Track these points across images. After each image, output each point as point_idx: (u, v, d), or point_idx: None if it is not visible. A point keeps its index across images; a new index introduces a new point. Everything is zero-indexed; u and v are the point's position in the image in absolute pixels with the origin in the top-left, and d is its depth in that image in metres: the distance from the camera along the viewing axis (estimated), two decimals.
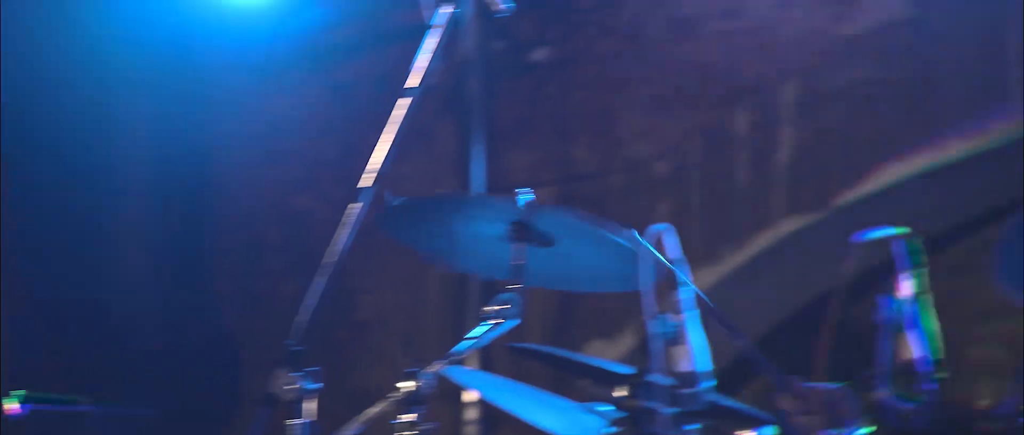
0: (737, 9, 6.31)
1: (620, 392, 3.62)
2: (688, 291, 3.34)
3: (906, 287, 2.97)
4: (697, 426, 3.33)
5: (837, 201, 6.04)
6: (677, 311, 3.33)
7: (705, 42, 6.38)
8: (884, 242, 3.02)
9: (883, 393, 2.80)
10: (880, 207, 5.96)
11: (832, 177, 6.07)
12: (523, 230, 3.58)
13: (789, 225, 6.16)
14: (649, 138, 6.46)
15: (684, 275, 3.33)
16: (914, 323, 2.94)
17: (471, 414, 6.53)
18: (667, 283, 3.35)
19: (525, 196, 3.48)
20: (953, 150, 5.84)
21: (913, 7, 5.95)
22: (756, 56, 6.25)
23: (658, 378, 3.28)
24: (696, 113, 6.39)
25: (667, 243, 3.34)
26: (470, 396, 6.46)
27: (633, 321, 6.29)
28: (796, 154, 6.18)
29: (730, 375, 6.05)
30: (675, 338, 3.31)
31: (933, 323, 2.96)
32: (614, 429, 3.37)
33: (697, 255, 6.35)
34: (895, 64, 5.97)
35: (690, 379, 3.32)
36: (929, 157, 5.88)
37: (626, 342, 6.36)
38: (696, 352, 3.33)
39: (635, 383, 3.41)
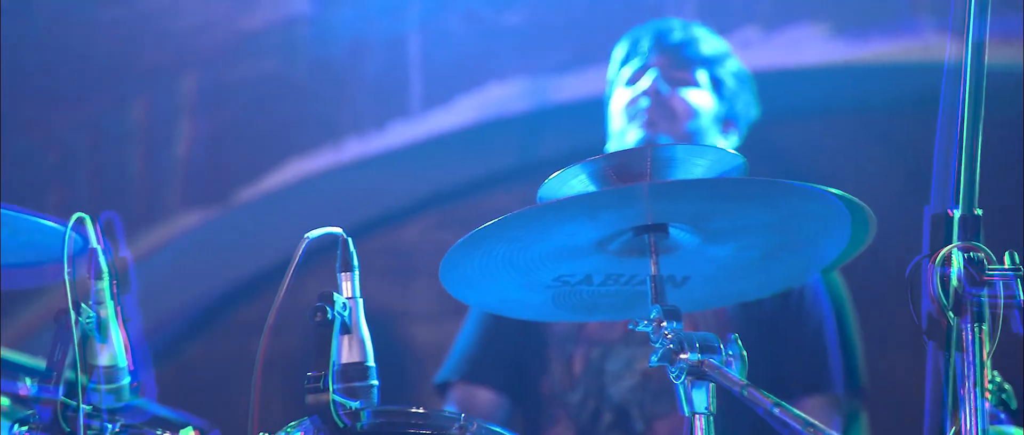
0: None
1: (23, 389, 3.38)
2: (109, 281, 3.14)
3: (346, 288, 2.92)
4: (114, 426, 3.14)
5: (237, 198, 5.94)
6: (100, 302, 3.12)
7: (98, 28, 6.10)
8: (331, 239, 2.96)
9: (329, 394, 2.73)
10: (281, 205, 5.91)
11: (232, 173, 5.96)
12: None
13: (188, 220, 5.99)
14: (36, 128, 6.11)
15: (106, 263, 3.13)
16: (353, 326, 2.90)
17: None
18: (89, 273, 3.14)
19: None
20: (352, 151, 5.87)
21: (314, 5, 5.93)
22: (153, 46, 6.04)
23: (74, 373, 3.07)
24: (88, 103, 6.10)
25: (90, 232, 3.13)
26: None
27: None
28: (194, 148, 6.02)
29: None
30: (96, 331, 3.10)
31: (364, 327, 2.93)
32: (23, 429, 3.11)
33: None
34: (296, 61, 5.93)
35: (110, 375, 3.12)
36: (329, 157, 5.88)
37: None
38: (116, 347, 3.14)
39: (46, 377, 3.16)
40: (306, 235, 2.92)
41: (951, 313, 2.55)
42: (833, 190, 2.73)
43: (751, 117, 4.12)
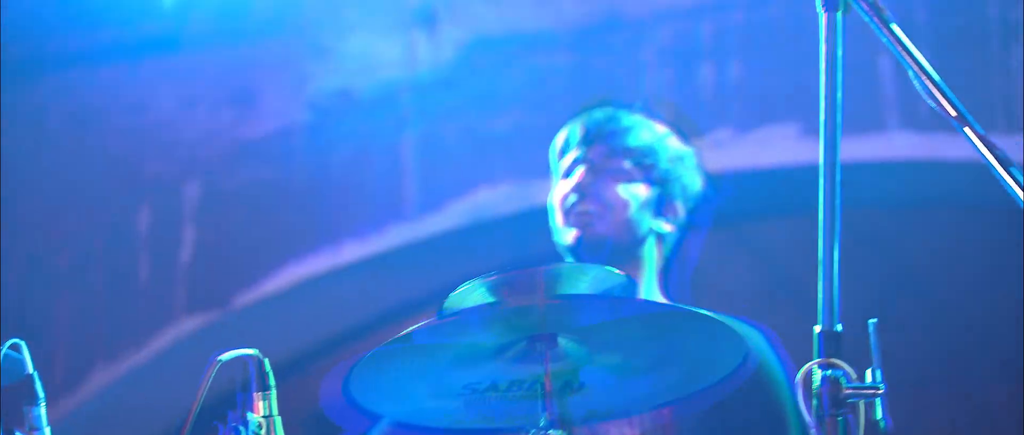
0: (143, 105, 6.32)
1: None
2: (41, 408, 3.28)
3: (262, 408, 3.05)
4: None
5: (237, 301, 6.12)
6: (33, 428, 3.26)
7: (111, 136, 6.34)
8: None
9: None
10: (280, 308, 6.09)
11: (232, 277, 6.15)
12: None
13: (190, 324, 6.18)
14: (48, 232, 6.34)
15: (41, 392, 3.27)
16: None
17: None
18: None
19: None
20: (350, 254, 6.05)
21: (311, 113, 6.14)
22: (161, 154, 6.27)
23: None
24: (100, 207, 6.32)
25: (23, 358, 3.28)
26: None
27: None
28: (197, 253, 6.23)
29: None
30: None
31: None
32: None
33: (98, 353, 6.28)
34: (294, 167, 6.14)
35: None
36: (328, 260, 6.07)
37: None
38: None
39: None
40: (218, 358, 3.06)
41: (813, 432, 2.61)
42: (701, 310, 2.86)
43: (693, 193, 4.11)
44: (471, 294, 3.02)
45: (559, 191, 4.09)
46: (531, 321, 2.93)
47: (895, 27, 2.94)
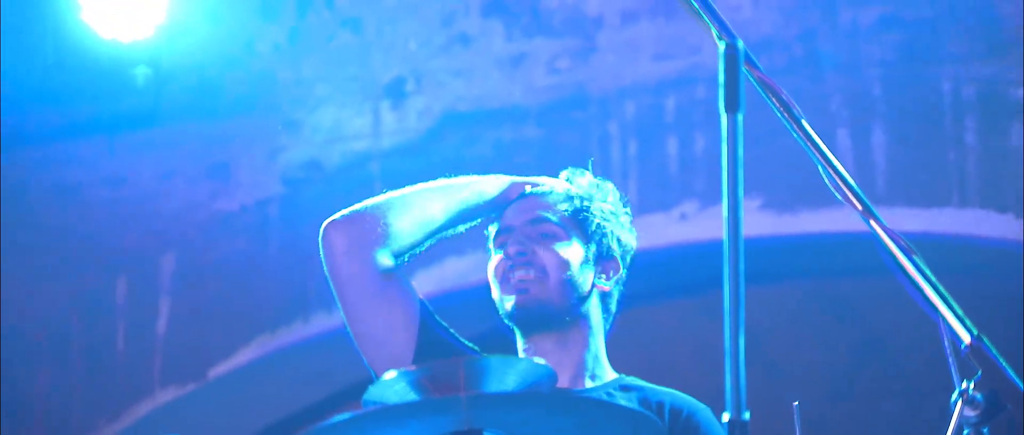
0: (120, 179, 6.40)
1: None
2: None
3: None
4: None
5: (212, 372, 6.18)
6: None
7: (89, 209, 6.42)
8: None
9: None
10: (253, 379, 6.15)
11: (208, 348, 6.22)
12: None
13: (166, 395, 6.24)
14: (30, 304, 6.41)
15: None
16: None
17: None
18: None
19: None
20: (320, 324, 6.11)
21: (283, 185, 6.21)
22: (138, 226, 6.35)
23: None
24: (78, 280, 6.40)
25: None
26: None
27: None
28: (174, 325, 6.29)
29: None
30: None
31: None
32: None
33: (75, 425, 6.34)
34: (267, 239, 6.21)
35: None
36: (299, 331, 6.12)
37: None
38: None
39: None
40: None
41: None
42: (622, 402, 2.89)
43: (629, 250, 4.05)
44: (393, 386, 3.03)
45: (492, 263, 4.04)
46: (454, 417, 2.94)
47: (805, 123, 3.00)
